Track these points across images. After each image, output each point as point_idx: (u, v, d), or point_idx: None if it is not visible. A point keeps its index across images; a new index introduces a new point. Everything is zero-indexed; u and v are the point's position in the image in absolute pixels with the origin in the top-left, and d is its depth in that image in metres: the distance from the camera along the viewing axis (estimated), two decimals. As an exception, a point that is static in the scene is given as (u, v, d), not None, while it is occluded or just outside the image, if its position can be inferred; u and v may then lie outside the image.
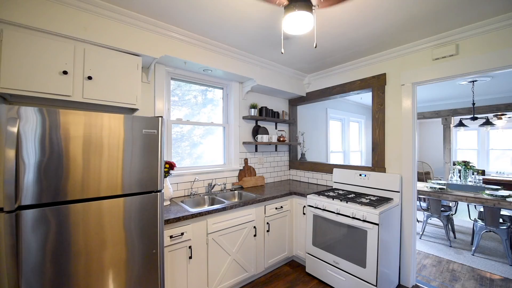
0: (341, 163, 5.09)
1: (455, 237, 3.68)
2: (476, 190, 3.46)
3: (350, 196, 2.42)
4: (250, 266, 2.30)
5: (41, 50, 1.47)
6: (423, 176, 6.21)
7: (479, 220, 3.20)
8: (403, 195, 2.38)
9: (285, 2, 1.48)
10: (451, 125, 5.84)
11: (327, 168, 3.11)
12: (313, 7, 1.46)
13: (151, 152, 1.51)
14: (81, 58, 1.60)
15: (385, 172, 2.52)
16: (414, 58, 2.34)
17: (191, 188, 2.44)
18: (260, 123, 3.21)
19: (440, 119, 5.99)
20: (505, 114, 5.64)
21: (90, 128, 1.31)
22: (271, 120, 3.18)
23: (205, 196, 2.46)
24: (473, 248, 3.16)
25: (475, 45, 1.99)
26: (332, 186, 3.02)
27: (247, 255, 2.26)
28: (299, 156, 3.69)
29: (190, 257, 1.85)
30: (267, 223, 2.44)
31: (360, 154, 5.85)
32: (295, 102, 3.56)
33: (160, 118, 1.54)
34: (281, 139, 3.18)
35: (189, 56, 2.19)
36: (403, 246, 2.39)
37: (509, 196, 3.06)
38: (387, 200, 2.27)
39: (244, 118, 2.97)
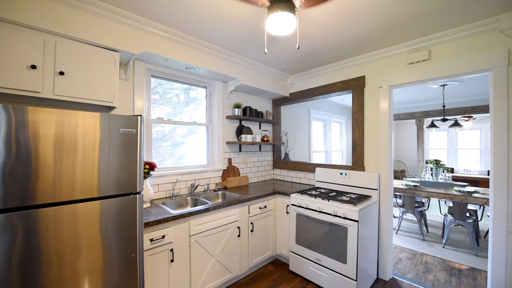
0: (323, 162, 5.22)
1: (427, 231, 3.92)
2: (446, 187, 3.71)
3: (331, 194, 2.49)
4: (234, 266, 2.28)
5: (6, 42, 1.35)
6: (399, 174, 6.54)
7: (449, 215, 3.43)
8: (381, 192, 2.49)
9: (267, 4, 1.49)
10: (424, 126, 6.22)
11: (310, 168, 3.17)
12: (296, 9, 1.48)
13: (130, 152, 1.45)
14: (52, 52, 1.49)
15: (364, 170, 2.62)
16: (391, 62, 2.46)
17: (173, 189, 2.38)
18: (244, 123, 3.20)
19: (414, 120, 6.35)
20: (471, 116, 6.11)
21: (62, 127, 1.23)
22: (255, 120, 3.19)
23: (188, 197, 2.41)
24: (444, 241, 3.38)
25: (446, 51, 2.14)
26: (314, 185, 3.09)
27: (231, 255, 2.25)
28: (282, 155, 3.73)
29: (172, 260, 1.80)
30: (251, 223, 2.44)
31: (341, 153, 6.05)
32: (278, 102, 3.60)
33: (139, 116, 1.49)
34: (265, 139, 3.20)
35: (171, 53, 2.13)
36: (381, 241, 2.50)
37: (474, 192, 3.31)
38: (366, 197, 2.36)
39: (228, 117, 2.95)
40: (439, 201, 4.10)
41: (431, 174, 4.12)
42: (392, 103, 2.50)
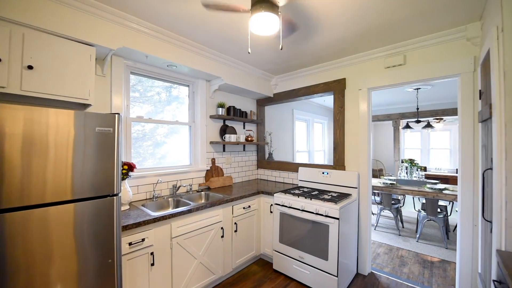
0: (306, 162, 5.32)
1: (403, 227, 4.13)
2: (420, 185, 3.94)
3: (314, 193, 2.55)
4: (218, 268, 2.26)
5: (-36, 32, 1.23)
6: (377, 173, 6.84)
7: (422, 211, 3.65)
8: (360, 190, 2.59)
9: (249, 9, 1.49)
10: (400, 127, 6.56)
11: (293, 167, 3.22)
12: (279, 11, 1.50)
13: (107, 152, 1.38)
14: (19, 44, 1.38)
15: (344, 170, 2.71)
16: (369, 65, 2.56)
17: (154, 190, 2.30)
18: (228, 123, 3.18)
19: (391, 121, 6.68)
20: (442, 118, 6.53)
21: (32, 125, 1.14)
22: (239, 120, 3.18)
23: (170, 199, 2.35)
24: (417, 236, 3.59)
25: (419, 57, 2.27)
26: (297, 184, 3.14)
27: (214, 257, 2.22)
28: (266, 155, 3.76)
29: (152, 264, 1.75)
30: (235, 223, 2.43)
31: (323, 153, 6.21)
32: (263, 102, 3.61)
33: (116, 115, 1.42)
34: (249, 138, 3.20)
35: (152, 49, 2.07)
36: (360, 237, 2.60)
37: (445, 189, 3.55)
38: (346, 195, 2.45)
39: (211, 117, 2.92)
40: (413, 198, 4.34)
41: (406, 173, 4.36)
42: (371, 105, 2.61)
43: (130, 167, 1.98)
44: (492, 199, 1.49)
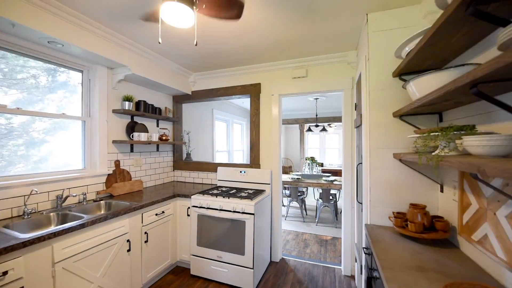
0: (226, 161, 5.41)
1: (306, 214, 4.86)
2: (318, 178, 4.74)
3: (231, 192, 2.60)
4: (123, 287, 1.94)
5: None
6: (287, 170, 7.76)
7: (320, 199, 4.40)
8: (273, 186, 2.85)
9: None
10: (304, 130, 7.71)
11: (212, 167, 3.19)
12: (195, 4, 1.43)
13: None
14: None
15: (260, 168, 2.92)
16: (280, 74, 2.86)
17: (25, 204, 1.74)
18: (138, 119, 2.80)
19: (298, 125, 7.75)
20: (334, 124, 8.10)
21: None
22: (151, 117, 2.86)
23: (52, 213, 1.83)
24: (317, 220, 4.31)
25: (317, 72, 2.72)
26: (216, 184, 3.13)
27: (118, 275, 1.89)
28: (184, 156, 3.55)
29: (21, 303, 1.30)
30: (145, 232, 2.17)
31: (242, 153, 6.48)
32: (180, 99, 3.40)
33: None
34: (164, 138, 2.93)
35: (23, 17, 1.55)
36: (273, 228, 2.86)
37: (334, 180, 4.41)
38: (261, 192, 2.64)
39: (115, 111, 2.48)
40: (313, 189, 5.18)
41: (309, 168, 5.15)
42: (281, 109, 2.92)
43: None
44: (362, 186, 1.96)
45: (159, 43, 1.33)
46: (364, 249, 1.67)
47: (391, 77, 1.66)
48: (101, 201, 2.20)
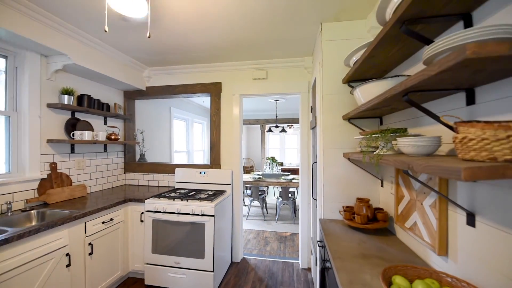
0: (186, 162, 5.19)
1: (267, 212, 4.98)
2: (278, 177, 4.90)
3: (190, 194, 2.50)
4: (60, 308, 1.69)
5: None
6: (249, 169, 7.83)
7: (279, 197, 4.56)
8: (234, 186, 2.84)
9: None
10: (265, 131, 7.89)
11: (169, 169, 3.02)
12: (149, -7, 1.33)
13: None
14: None
15: (220, 168, 2.87)
16: (241, 74, 2.87)
17: None
18: (80, 116, 2.48)
19: (259, 125, 7.89)
20: (293, 125, 8.48)
21: None
22: (97, 113, 2.56)
23: (-40, 229, 1.48)
24: (276, 218, 4.45)
25: (277, 75, 2.80)
26: (174, 187, 2.97)
27: (53, 296, 1.64)
28: (137, 157, 3.28)
29: None
30: (90, 244, 1.93)
31: (203, 153, 6.30)
32: (132, 95, 3.12)
33: None
34: (113, 137, 2.66)
35: None
36: (234, 229, 2.85)
37: (293, 179, 4.62)
38: (221, 192, 2.60)
39: (50, 106, 2.14)
40: (273, 188, 5.34)
41: (269, 168, 5.28)
42: (242, 109, 2.93)
43: None
44: (316, 183, 2.09)
45: (105, 31, 1.19)
46: (319, 242, 1.79)
47: (341, 83, 1.81)
48: (32, 211, 1.88)
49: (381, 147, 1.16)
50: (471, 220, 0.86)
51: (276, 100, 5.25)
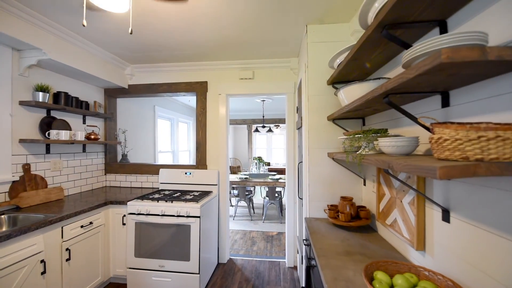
0: (171, 163, 5.07)
1: (254, 212, 4.98)
2: (265, 177, 4.91)
3: (175, 195, 2.45)
4: (33, 319, 1.59)
5: None
6: (236, 170, 7.80)
7: (266, 197, 4.58)
8: (220, 187, 2.81)
9: None
10: (252, 131, 7.89)
11: (153, 169, 2.94)
12: (131, -12, 1.29)
13: None
14: None
15: (206, 169, 2.84)
16: (228, 74, 2.85)
17: None
18: (56, 114, 2.35)
19: (246, 125, 7.88)
20: (279, 125, 8.55)
21: None
22: (75, 112, 2.44)
23: None
24: (263, 217, 4.46)
25: (264, 75, 2.81)
26: (158, 188, 2.89)
27: (26, 306, 1.54)
28: (119, 157, 3.16)
29: None
30: (67, 249, 1.83)
31: (189, 153, 6.18)
32: (114, 93, 3.00)
33: None
34: (93, 136, 2.54)
35: None
36: (221, 229, 2.82)
37: (280, 179, 4.65)
38: (207, 193, 2.56)
39: (23, 104, 2.01)
40: (260, 188, 5.36)
41: (256, 168, 5.29)
42: (229, 109, 2.91)
43: None
44: (302, 183, 2.12)
45: (84, 25, 1.13)
46: (304, 240, 1.81)
47: (326, 85, 1.85)
48: (2, 216, 1.75)
49: (364, 147, 1.20)
50: (446, 216, 0.90)
51: (263, 100, 5.27)
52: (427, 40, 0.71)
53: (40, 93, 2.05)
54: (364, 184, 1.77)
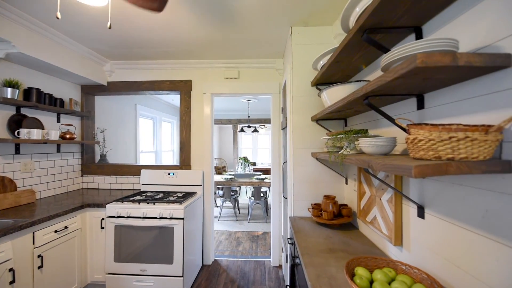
0: (153, 163, 4.92)
1: (239, 213, 4.97)
2: (250, 177, 4.91)
3: (158, 196, 2.38)
4: (0, 333, 1.47)
5: None
6: (221, 170, 7.72)
7: (252, 197, 4.58)
8: (205, 187, 2.77)
9: None
10: (237, 131, 7.86)
11: (134, 170, 2.83)
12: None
13: None
14: None
15: (190, 169, 2.78)
16: (213, 73, 2.81)
17: None
18: (27, 112, 2.19)
19: (231, 125, 7.84)
20: (264, 125, 8.59)
21: None
22: (49, 109, 2.29)
23: None
24: (249, 217, 4.46)
25: (249, 75, 2.81)
26: (140, 189, 2.80)
27: (-9, 319, 1.42)
28: (98, 158, 3.02)
29: None
30: (39, 256, 1.71)
31: (172, 153, 6.04)
32: (91, 90, 2.85)
33: None
34: (68, 136, 2.40)
35: None
36: (205, 231, 2.78)
37: (265, 178, 4.67)
38: (192, 194, 2.52)
39: (-11, 101, 1.86)
40: (246, 188, 5.35)
41: (242, 168, 5.28)
42: (213, 108, 2.88)
43: None
44: (287, 182, 2.15)
45: (58, 18, 1.06)
46: (289, 239, 1.84)
47: (310, 86, 1.88)
48: (-37, 222, 1.61)
49: (345, 147, 1.23)
50: (421, 212, 0.95)
51: (249, 100, 5.27)
52: (404, 45, 0.74)
53: (9, 89, 1.90)
54: (346, 183, 1.82)
